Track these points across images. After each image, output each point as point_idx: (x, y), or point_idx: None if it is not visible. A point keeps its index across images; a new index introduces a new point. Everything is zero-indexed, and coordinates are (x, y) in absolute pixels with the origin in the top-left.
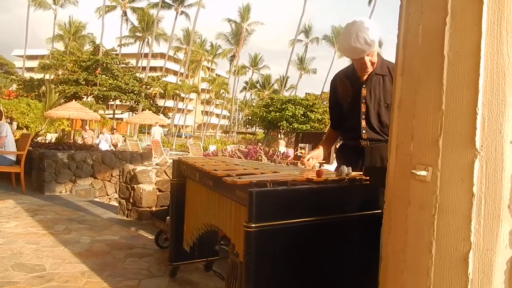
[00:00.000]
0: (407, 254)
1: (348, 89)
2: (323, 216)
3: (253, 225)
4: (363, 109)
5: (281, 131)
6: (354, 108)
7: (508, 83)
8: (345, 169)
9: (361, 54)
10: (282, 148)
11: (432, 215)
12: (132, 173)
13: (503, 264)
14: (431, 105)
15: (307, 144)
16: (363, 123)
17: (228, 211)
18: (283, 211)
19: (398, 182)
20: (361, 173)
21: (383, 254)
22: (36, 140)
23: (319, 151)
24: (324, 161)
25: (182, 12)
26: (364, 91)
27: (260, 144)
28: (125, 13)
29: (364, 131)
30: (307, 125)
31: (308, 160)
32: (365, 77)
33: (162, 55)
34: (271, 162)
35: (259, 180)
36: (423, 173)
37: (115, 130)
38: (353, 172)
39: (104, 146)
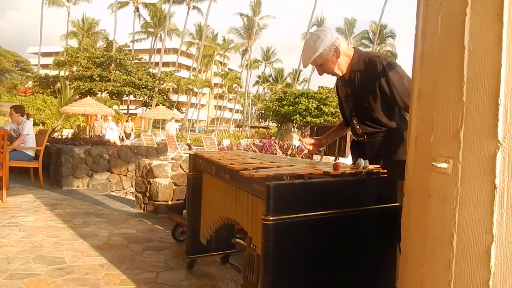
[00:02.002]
0: (427, 247)
1: (342, 90)
2: (340, 209)
3: (271, 218)
4: (352, 106)
5: (294, 124)
6: (347, 107)
7: None
8: (362, 162)
9: (305, 63)
10: (295, 141)
11: (453, 208)
12: (148, 168)
13: None
14: (452, 96)
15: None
16: (354, 120)
17: (245, 205)
18: (300, 204)
19: (417, 174)
20: (379, 166)
21: (402, 247)
22: (53, 136)
23: (321, 141)
24: (339, 155)
25: (194, 7)
26: (348, 90)
27: (273, 138)
28: (137, 9)
29: (357, 127)
30: (321, 119)
31: (308, 144)
32: (347, 75)
33: (175, 50)
34: (286, 156)
35: (276, 174)
36: (444, 165)
37: (129, 118)
38: (370, 165)
39: (110, 134)
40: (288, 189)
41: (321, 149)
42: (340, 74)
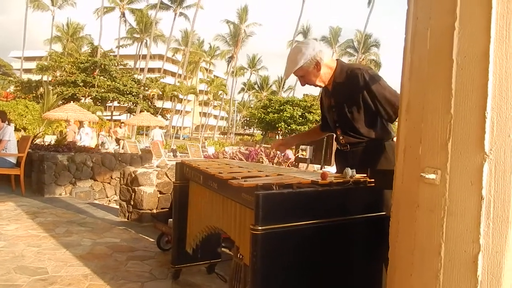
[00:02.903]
0: (415, 257)
1: (325, 101)
2: (329, 218)
3: (260, 227)
4: (335, 117)
5: (279, 132)
6: (330, 117)
7: None
8: (349, 171)
9: (286, 74)
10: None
11: (441, 218)
12: (133, 175)
13: None
14: (440, 108)
15: (308, 146)
16: (338, 130)
17: (232, 214)
18: (289, 213)
19: (406, 184)
20: (365, 175)
21: (391, 256)
22: (35, 142)
23: (289, 140)
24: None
25: (181, 14)
26: (332, 101)
27: (258, 146)
28: (123, 14)
29: (341, 137)
30: (305, 126)
31: (276, 148)
32: (330, 87)
33: (160, 57)
34: (273, 164)
35: (265, 183)
36: (432, 176)
37: (123, 124)
38: (357, 175)
39: (85, 140)
40: (277, 199)
41: (307, 157)
42: (322, 86)
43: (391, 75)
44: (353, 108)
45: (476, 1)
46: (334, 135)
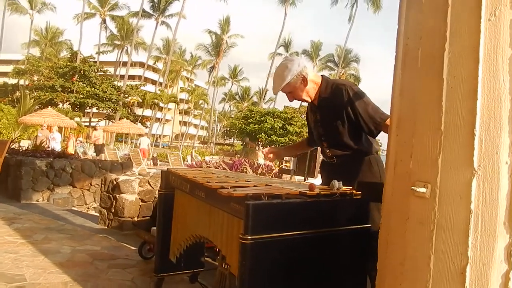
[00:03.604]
0: (405, 268)
1: (311, 116)
2: (316, 229)
3: (249, 237)
4: (321, 131)
5: (259, 143)
6: (316, 131)
7: (503, 108)
8: (336, 183)
9: (274, 90)
10: (261, 160)
11: (430, 230)
12: (115, 183)
13: (499, 278)
14: (431, 125)
15: (292, 158)
16: (324, 144)
17: (220, 223)
18: (277, 223)
19: (396, 197)
20: (351, 187)
21: (380, 266)
22: (12, 147)
23: (281, 150)
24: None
25: (163, 22)
26: (318, 116)
27: (238, 155)
28: (104, 21)
29: (327, 150)
30: (286, 138)
31: (267, 154)
32: (316, 102)
33: (141, 64)
34: (256, 175)
35: (255, 193)
36: (423, 190)
37: (97, 125)
38: (343, 187)
39: (52, 145)
40: (266, 209)
41: (291, 168)
42: (309, 101)
43: (369, 88)
44: (337, 122)
45: (465, 23)
46: (320, 148)
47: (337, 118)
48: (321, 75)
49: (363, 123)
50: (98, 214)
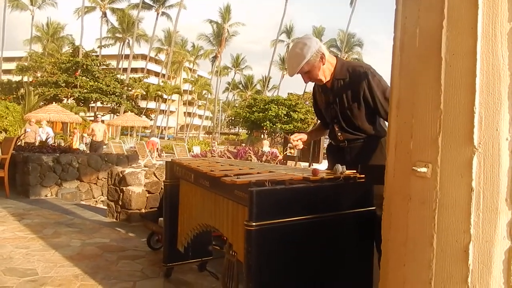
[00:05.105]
0: (408, 248)
1: (322, 97)
2: (320, 213)
3: (254, 223)
4: (333, 113)
5: (264, 131)
6: (328, 114)
7: (503, 84)
8: (340, 167)
9: (292, 71)
10: (266, 148)
11: (432, 210)
12: (121, 175)
13: (502, 254)
14: (430, 104)
15: None
16: (336, 127)
17: (225, 211)
18: (282, 209)
19: (398, 178)
20: (355, 171)
21: (383, 248)
22: (19, 144)
23: (305, 135)
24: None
25: (163, 13)
26: (331, 97)
27: (243, 144)
28: (104, 14)
29: (339, 134)
30: (291, 125)
31: (296, 139)
32: (330, 83)
33: (143, 56)
34: (261, 162)
35: (258, 180)
36: (424, 169)
37: (99, 116)
38: (347, 171)
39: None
40: (270, 195)
41: (295, 155)
42: (324, 81)
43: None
44: (353, 105)
45: (463, 0)
46: (329, 132)
47: (353, 101)
48: (335, 56)
49: (380, 107)
50: (106, 207)
